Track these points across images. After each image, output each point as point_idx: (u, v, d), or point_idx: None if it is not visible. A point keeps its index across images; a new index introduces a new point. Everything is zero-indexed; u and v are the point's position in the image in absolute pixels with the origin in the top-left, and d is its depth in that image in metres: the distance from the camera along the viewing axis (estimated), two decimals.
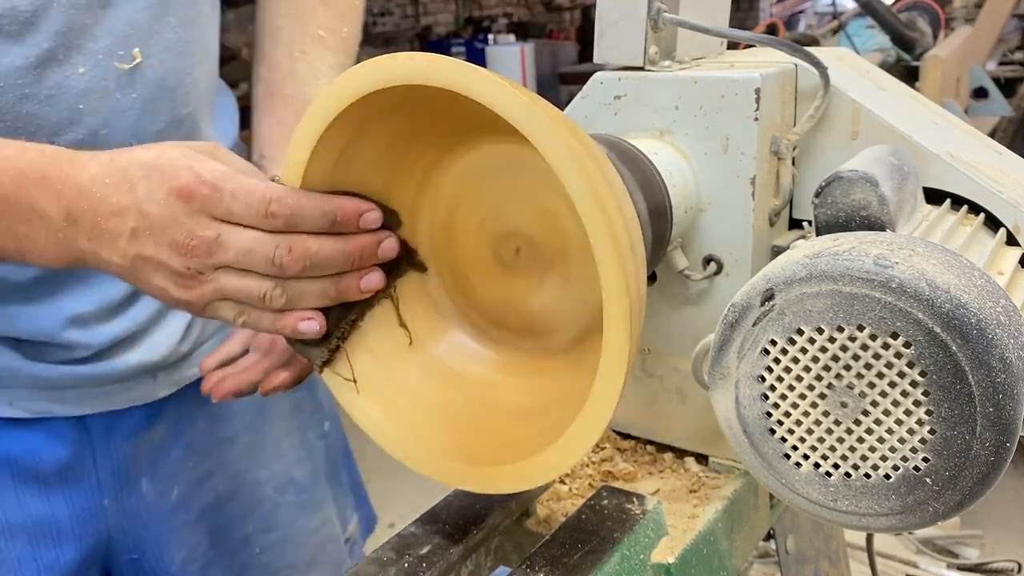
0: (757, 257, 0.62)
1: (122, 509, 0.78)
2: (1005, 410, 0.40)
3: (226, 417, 0.85)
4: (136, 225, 0.50)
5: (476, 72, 0.44)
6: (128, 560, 0.81)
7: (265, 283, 0.50)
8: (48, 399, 0.72)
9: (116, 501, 0.78)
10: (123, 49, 0.66)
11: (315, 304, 0.52)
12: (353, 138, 0.52)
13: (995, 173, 0.63)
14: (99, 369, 0.73)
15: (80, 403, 0.74)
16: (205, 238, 0.49)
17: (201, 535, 0.84)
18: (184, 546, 0.82)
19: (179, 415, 0.81)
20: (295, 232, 0.50)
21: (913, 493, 0.44)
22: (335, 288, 0.52)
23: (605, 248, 0.43)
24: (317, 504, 0.92)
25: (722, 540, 0.62)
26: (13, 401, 0.72)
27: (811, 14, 3.51)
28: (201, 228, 0.49)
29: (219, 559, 0.85)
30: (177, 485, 0.81)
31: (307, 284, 0.51)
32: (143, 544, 0.80)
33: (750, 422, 0.48)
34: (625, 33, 0.64)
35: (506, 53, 6.12)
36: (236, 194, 0.49)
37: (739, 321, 0.47)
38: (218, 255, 0.50)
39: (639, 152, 0.59)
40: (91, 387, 0.74)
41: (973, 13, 2.39)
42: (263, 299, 0.51)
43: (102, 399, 0.74)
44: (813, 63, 0.62)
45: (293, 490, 0.89)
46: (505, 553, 0.64)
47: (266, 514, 0.87)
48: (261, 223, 0.49)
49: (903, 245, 0.44)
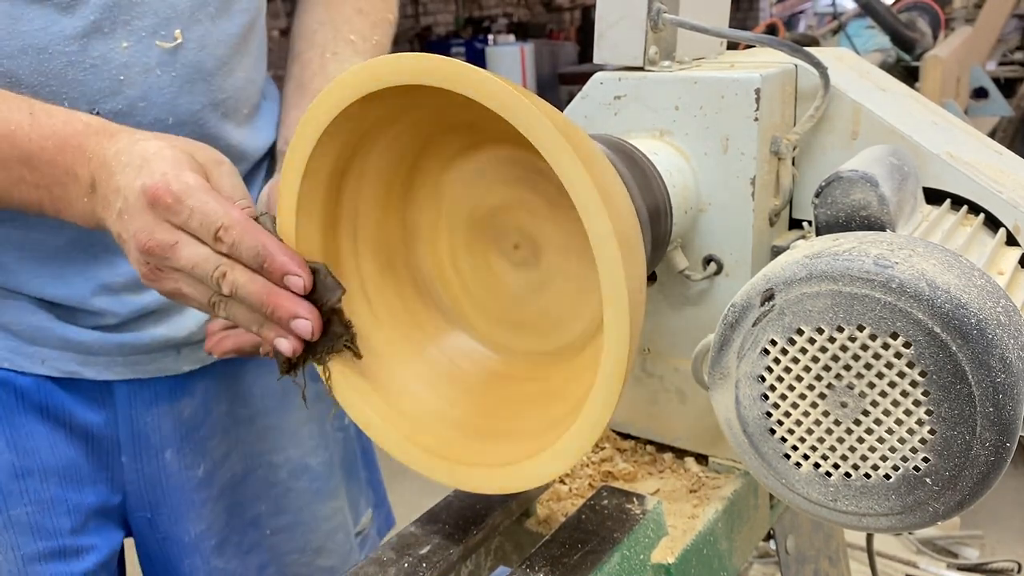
0: (757, 257, 0.62)
1: (139, 470, 0.82)
2: (1005, 410, 0.40)
3: (248, 399, 0.87)
4: (121, 207, 0.55)
5: (476, 72, 0.44)
6: (142, 518, 0.84)
7: (212, 295, 0.55)
8: (77, 362, 0.76)
9: (133, 461, 0.81)
10: (165, 30, 0.70)
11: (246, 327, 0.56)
12: (354, 146, 0.52)
13: (995, 173, 0.63)
14: (126, 338, 0.77)
15: (107, 368, 0.77)
16: (163, 241, 0.54)
17: (220, 512, 0.87)
18: (203, 520, 0.85)
19: (207, 395, 0.84)
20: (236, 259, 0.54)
21: (913, 493, 0.44)
22: (258, 329, 0.55)
23: (605, 248, 0.43)
24: (330, 493, 0.93)
25: (722, 540, 0.62)
26: (45, 360, 0.76)
27: (811, 14, 3.51)
28: (161, 231, 0.54)
29: (232, 536, 0.88)
30: (203, 463, 0.84)
31: (240, 310, 0.55)
32: (158, 507, 0.83)
33: (750, 422, 0.48)
34: (625, 33, 0.64)
35: (506, 53, 6.13)
36: (194, 211, 0.53)
37: (739, 321, 0.47)
38: (172, 260, 0.54)
39: (639, 152, 0.59)
40: (117, 355, 0.77)
41: (973, 13, 2.39)
42: (212, 307, 0.56)
43: (127, 367, 0.78)
44: (813, 63, 0.62)
45: (307, 477, 0.91)
46: (505, 553, 0.64)
47: (278, 497, 0.90)
48: (212, 243, 0.54)
49: (903, 245, 0.44)
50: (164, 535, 0.84)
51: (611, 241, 0.43)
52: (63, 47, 0.66)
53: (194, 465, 0.84)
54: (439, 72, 0.45)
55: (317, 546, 0.92)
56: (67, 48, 0.66)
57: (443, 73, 0.45)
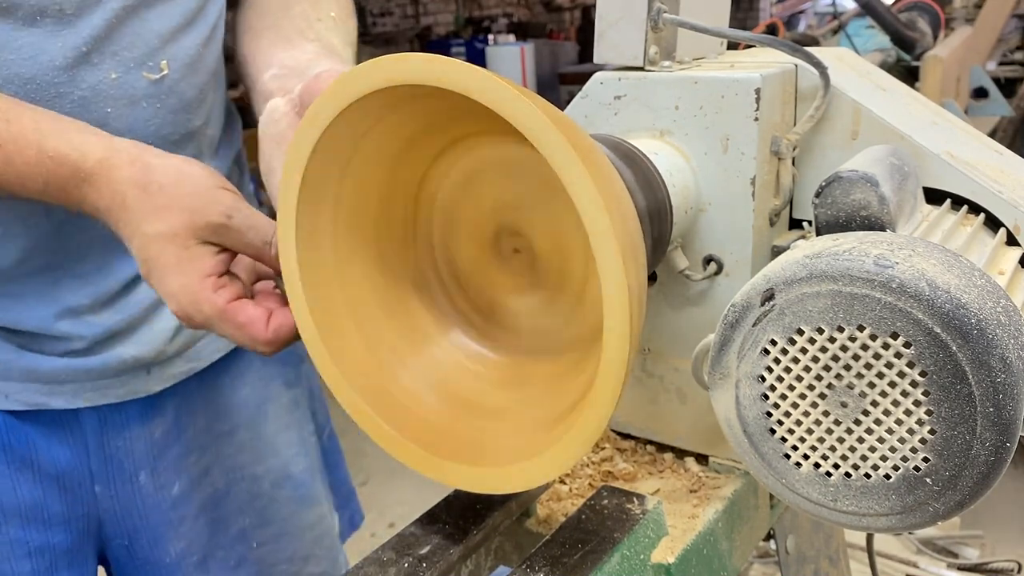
0: (757, 257, 0.62)
1: (114, 496, 0.80)
2: (1005, 410, 0.40)
3: (225, 413, 0.86)
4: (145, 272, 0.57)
5: (475, 72, 0.44)
6: (120, 545, 0.82)
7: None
8: (43, 393, 0.74)
9: (108, 489, 0.79)
10: (152, 60, 0.69)
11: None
12: (357, 136, 0.52)
13: (995, 173, 0.63)
14: (92, 363, 0.74)
15: (75, 396, 0.75)
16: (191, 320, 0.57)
17: (201, 529, 0.85)
18: (183, 539, 0.83)
19: (180, 412, 0.82)
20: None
21: (913, 493, 0.44)
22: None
23: (605, 248, 0.43)
24: (313, 499, 0.93)
25: (722, 540, 0.62)
26: (9, 395, 0.73)
27: (811, 14, 3.51)
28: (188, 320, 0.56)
29: (216, 552, 0.86)
30: (178, 481, 0.82)
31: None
32: (136, 532, 0.82)
33: (750, 422, 0.48)
34: (625, 33, 0.64)
35: (506, 53, 6.13)
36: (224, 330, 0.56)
37: (739, 321, 0.47)
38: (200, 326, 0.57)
39: (639, 152, 0.59)
40: (85, 380, 0.75)
41: (973, 13, 2.39)
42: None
43: (96, 392, 0.76)
44: (813, 63, 0.62)
45: (290, 485, 0.90)
46: (505, 553, 0.64)
47: (263, 509, 0.89)
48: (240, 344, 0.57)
49: (903, 245, 0.44)
50: (143, 560, 0.83)
51: (611, 241, 0.43)
52: (52, 77, 0.64)
53: (169, 484, 0.82)
54: (441, 72, 0.45)
55: (305, 554, 0.92)
56: (56, 79, 0.64)
57: (445, 73, 0.45)
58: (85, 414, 0.76)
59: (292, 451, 0.91)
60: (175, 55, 0.71)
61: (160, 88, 0.70)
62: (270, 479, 0.89)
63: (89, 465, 0.78)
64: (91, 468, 0.78)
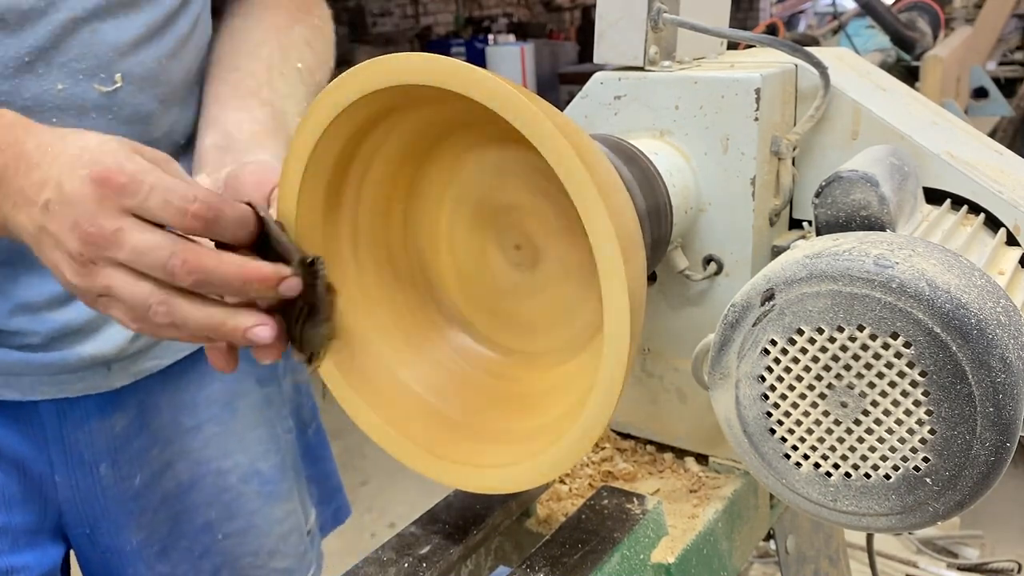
0: (757, 257, 0.62)
1: (74, 486, 0.80)
2: (1005, 410, 0.40)
3: (192, 408, 0.85)
4: (50, 197, 0.50)
5: (475, 72, 0.44)
6: (81, 533, 0.82)
7: (154, 294, 0.50)
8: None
9: (68, 479, 0.79)
10: (105, 71, 0.67)
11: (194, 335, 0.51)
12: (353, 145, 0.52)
13: (995, 173, 0.63)
14: (50, 358, 0.73)
15: (32, 389, 0.74)
16: (104, 228, 0.49)
17: (162, 520, 0.85)
18: (143, 529, 0.84)
19: (143, 407, 0.82)
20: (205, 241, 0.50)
21: (913, 493, 0.44)
22: (220, 329, 0.51)
23: (605, 248, 0.43)
24: (282, 496, 0.93)
25: (722, 540, 0.62)
26: None
27: (811, 14, 3.51)
28: (104, 217, 0.49)
29: (179, 542, 0.87)
30: (140, 473, 0.83)
31: (193, 310, 0.51)
32: (97, 521, 0.82)
33: (750, 422, 0.48)
34: (625, 33, 0.64)
35: (506, 53, 6.14)
36: (155, 188, 0.49)
37: (739, 321, 0.47)
38: (112, 250, 0.49)
39: (639, 152, 0.59)
40: (43, 375, 0.74)
41: (973, 13, 2.39)
42: (146, 310, 0.50)
43: (54, 387, 0.75)
44: (813, 63, 0.62)
45: (258, 481, 0.90)
46: (505, 553, 0.64)
47: (229, 502, 0.89)
48: (177, 221, 0.49)
49: (903, 245, 0.44)
50: (105, 547, 0.83)
51: (611, 241, 0.43)
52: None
53: (130, 476, 0.82)
54: (438, 72, 0.45)
55: (271, 549, 0.92)
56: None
57: (441, 72, 0.45)
58: (44, 405, 0.76)
59: (262, 447, 0.91)
60: (131, 68, 0.69)
61: (113, 100, 0.68)
62: (237, 474, 0.89)
63: (49, 455, 0.78)
64: (51, 458, 0.78)
